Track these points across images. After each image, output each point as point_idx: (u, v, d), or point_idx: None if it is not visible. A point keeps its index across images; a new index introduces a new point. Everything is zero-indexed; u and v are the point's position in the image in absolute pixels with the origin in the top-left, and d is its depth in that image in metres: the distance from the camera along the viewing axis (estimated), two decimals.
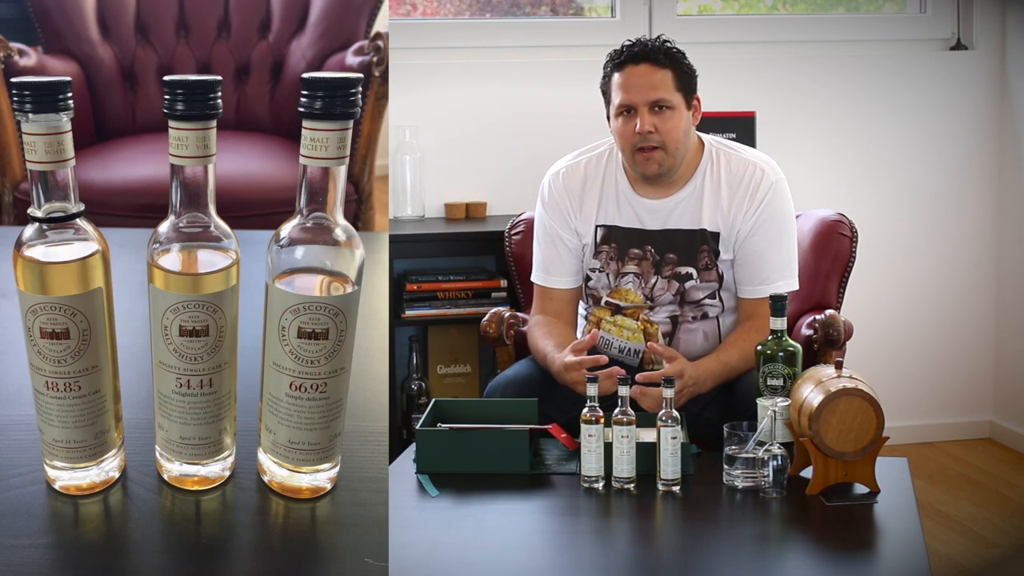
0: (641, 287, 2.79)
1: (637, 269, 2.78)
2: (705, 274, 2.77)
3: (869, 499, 2.22)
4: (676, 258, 2.77)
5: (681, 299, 2.78)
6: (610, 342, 2.84)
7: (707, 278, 2.77)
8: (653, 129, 2.68)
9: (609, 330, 2.83)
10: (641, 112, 2.68)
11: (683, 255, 2.77)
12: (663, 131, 2.68)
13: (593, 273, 2.84)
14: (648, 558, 2.11)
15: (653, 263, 2.78)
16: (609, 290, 2.82)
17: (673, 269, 2.77)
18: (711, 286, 2.78)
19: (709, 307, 2.80)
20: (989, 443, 4.35)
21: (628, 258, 2.80)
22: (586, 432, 2.31)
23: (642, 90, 2.69)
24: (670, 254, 2.77)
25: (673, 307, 2.79)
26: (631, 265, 2.79)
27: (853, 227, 3.16)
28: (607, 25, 4.11)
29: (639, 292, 2.79)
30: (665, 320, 2.80)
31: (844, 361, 2.34)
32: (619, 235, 2.80)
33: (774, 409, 2.31)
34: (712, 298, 2.79)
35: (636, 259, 2.78)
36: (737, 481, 2.28)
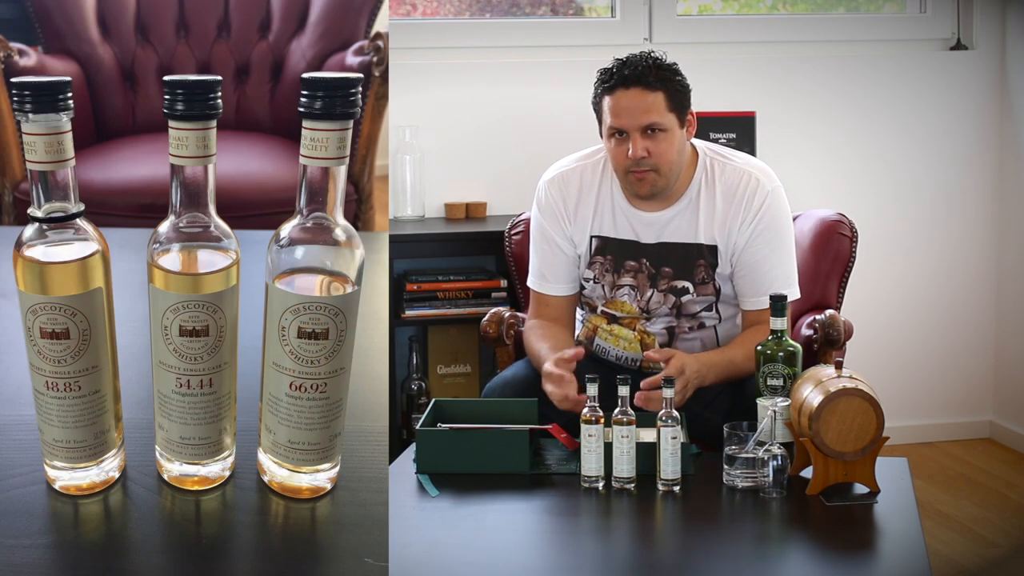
0: (637, 300, 2.78)
1: (633, 282, 2.77)
2: (702, 288, 2.75)
3: (869, 499, 2.22)
4: (672, 272, 2.76)
5: (677, 312, 2.78)
6: (607, 350, 2.84)
7: (703, 292, 2.76)
8: (646, 154, 2.64)
9: (606, 339, 2.83)
10: (633, 137, 2.64)
11: (679, 269, 2.76)
12: (656, 154, 2.65)
13: (588, 283, 2.82)
14: (648, 558, 2.11)
15: (649, 276, 2.77)
16: (604, 301, 2.81)
17: (669, 283, 2.76)
18: (708, 300, 2.77)
19: (706, 318, 2.79)
20: (989, 443, 4.35)
21: (624, 271, 2.78)
22: (586, 432, 2.31)
23: (634, 115, 2.63)
24: (666, 268, 2.76)
25: (669, 318, 2.78)
26: (627, 277, 2.78)
27: (853, 227, 3.16)
28: (607, 25, 4.11)
29: (635, 305, 2.78)
30: (661, 331, 2.79)
31: (844, 361, 2.34)
32: (614, 247, 2.79)
33: (774, 409, 2.31)
34: (709, 310, 2.78)
35: (632, 272, 2.77)
36: (737, 481, 2.28)
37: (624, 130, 2.65)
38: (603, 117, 2.70)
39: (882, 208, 4.24)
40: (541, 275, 2.86)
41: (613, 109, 2.66)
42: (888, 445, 2.26)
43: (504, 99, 4.00)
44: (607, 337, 2.82)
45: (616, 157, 2.69)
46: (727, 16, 4.35)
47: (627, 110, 2.64)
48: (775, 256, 2.74)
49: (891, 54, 4.24)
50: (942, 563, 3.30)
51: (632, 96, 2.64)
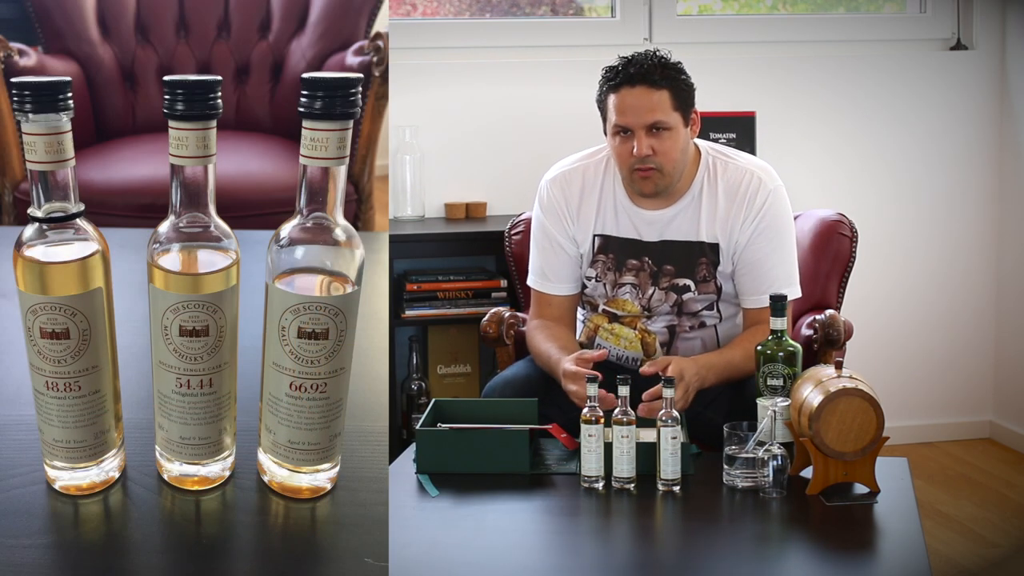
0: (638, 298, 2.78)
1: (634, 280, 2.78)
2: (703, 286, 2.76)
3: (869, 499, 2.22)
4: (674, 270, 2.76)
5: (679, 310, 2.78)
6: (608, 350, 2.84)
7: (705, 290, 2.76)
8: (651, 152, 2.64)
9: (606, 338, 2.83)
10: (638, 135, 2.64)
11: (681, 267, 2.76)
12: (660, 152, 2.65)
13: (589, 282, 2.83)
14: (648, 558, 2.11)
15: (651, 274, 2.77)
16: (606, 299, 2.82)
17: (671, 281, 2.76)
18: (709, 298, 2.77)
19: (707, 317, 2.79)
20: (989, 443, 4.35)
21: (625, 269, 2.78)
22: (586, 432, 2.31)
23: (639, 113, 2.64)
24: (668, 265, 2.76)
25: (671, 317, 2.78)
26: (628, 276, 2.78)
27: (853, 227, 3.16)
28: (607, 25, 4.11)
29: (636, 303, 2.78)
30: (663, 330, 2.79)
31: (844, 361, 2.34)
32: (616, 245, 2.79)
33: (774, 409, 2.31)
34: (710, 309, 2.78)
35: (634, 270, 2.77)
36: (737, 481, 2.28)
37: (629, 128, 2.65)
38: (608, 115, 2.70)
39: (882, 208, 4.24)
40: (543, 274, 2.86)
41: (618, 107, 2.66)
42: (888, 445, 2.26)
43: (504, 99, 4.00)
44: (608, 336, 2.82)
45: (621, 155, 2.69)
46: (727, 16, 4.35)
47: (632, 108, 2.64)
48: (776, 255, 2.74)
49: (891, 54, 4.24)
50: (942, 563, 3.30)
51: (637, 94, 2.65)
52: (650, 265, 2.77)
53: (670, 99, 2.66)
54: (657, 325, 2.79)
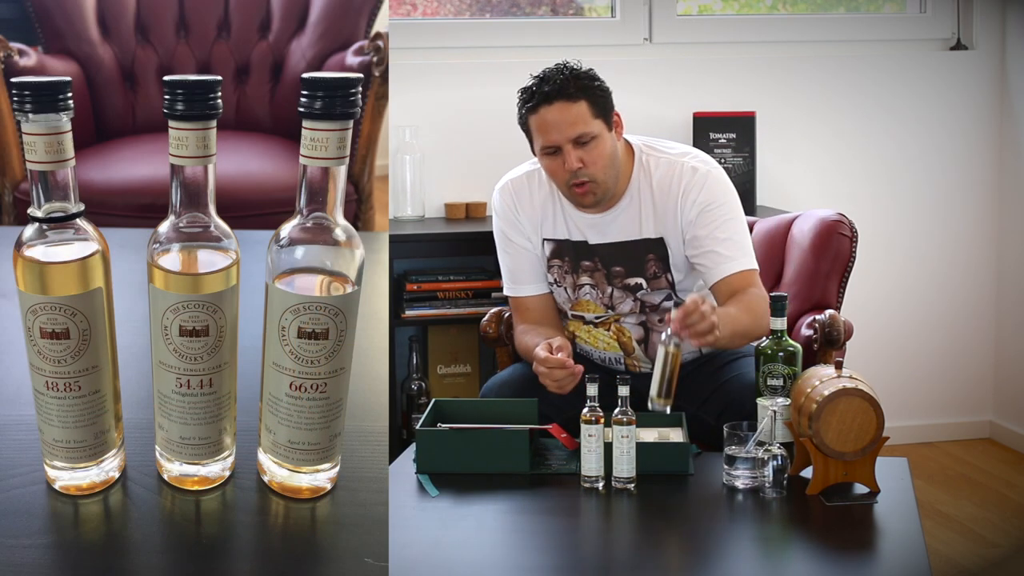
0: (599, 298, 2.79)
1: (591, 280, 2.79)
2: (655, 282, 2.76)
3: (869, 499, 2.22)
4: (623, 270, 2.77)
5: (641, 307, 2.79)
6: (590, 353, 2.86)
7: (657, 286, 2.77)
8: (581, 164, 2.64)
9: (586, 341, 2.85)
10: (566, 150, 2.64)
11: (629, 266, 2.77)
12: (590, 162, 2.65)
13: (552, 287, 2.84)
14: (648, 558, 2.11)
15: (605, 275, 2.78)
16: (571, 304, 2.83)
17: (623, 281, 2.77)
18: (664, 292, 2.77)
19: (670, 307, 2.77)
20: (989, 443, 4.35)
21: (581, 270, 2.80)
22: (586, 432, 2.31)
23: (562, 128, 2.63)
24: (616, 267, 2.77)
25: (638, 314, 2.79)
26: (585, 277, 2.80)
27: (853, 227, 3.16)
28: (607, 25, 4.11)
29: (599, 303, 2.80)
30: (636, 327, 2.80)
31: (844, 361, 2.34)
32: (568, 249, 2.80)
33: (774, 409, 2.31)
34: (669, 300, 2.78)
35: (588, 271, 2.79)
36: (737, 481, 2.28)
37: (556, 145, 2.65)
38: (533, 137, 2.71)
39: (882, 208, 4.24)
40: (514, 279, 2.87)
41: (540, 127, 2.66)
42: (888, 445, 2.26)
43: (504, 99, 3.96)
44: (587, 340, 2.84)
45: (555, 173, 2.69)
46: (727, 16, 4.35)
47: (555, 125, 2.64)
48: (723, 228, 2.70)
49: (891, 54, 4.24)
50: (942, 563, 3.30)
51: (556, 110, 2.64)
52: (600, 266, 2.78)
53: (588, 108, 2.65)
54: (630, 322, 2.80)
